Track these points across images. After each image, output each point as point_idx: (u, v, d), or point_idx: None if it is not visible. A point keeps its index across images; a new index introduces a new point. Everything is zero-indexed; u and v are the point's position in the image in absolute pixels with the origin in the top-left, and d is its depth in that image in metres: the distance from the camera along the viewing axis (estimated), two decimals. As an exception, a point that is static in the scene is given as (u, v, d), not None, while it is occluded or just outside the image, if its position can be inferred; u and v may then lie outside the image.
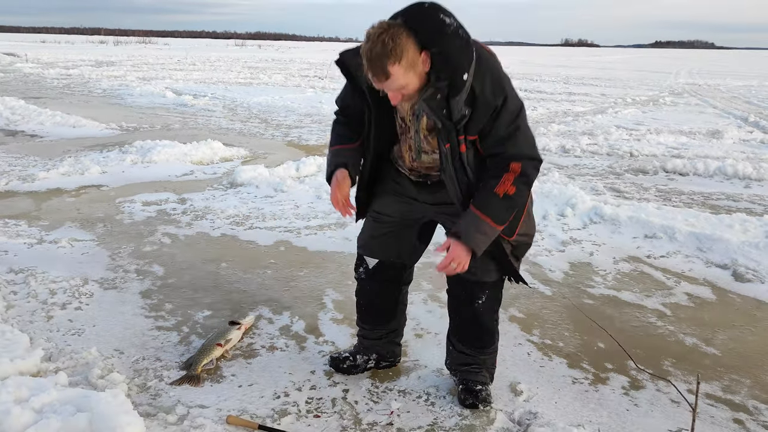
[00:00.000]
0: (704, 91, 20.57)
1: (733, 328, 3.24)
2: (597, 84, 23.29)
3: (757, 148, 9.09)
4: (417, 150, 2.23)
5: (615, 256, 4.30)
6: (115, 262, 3.92)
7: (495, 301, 2.45)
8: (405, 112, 2.19)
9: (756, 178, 6.84)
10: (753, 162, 7.67)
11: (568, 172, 7.16)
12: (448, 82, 1.96)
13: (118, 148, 7.46)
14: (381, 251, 2.52)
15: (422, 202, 2.39)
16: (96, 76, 20.04)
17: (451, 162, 2.12)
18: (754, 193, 6.27)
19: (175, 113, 11.71)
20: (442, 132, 2.07)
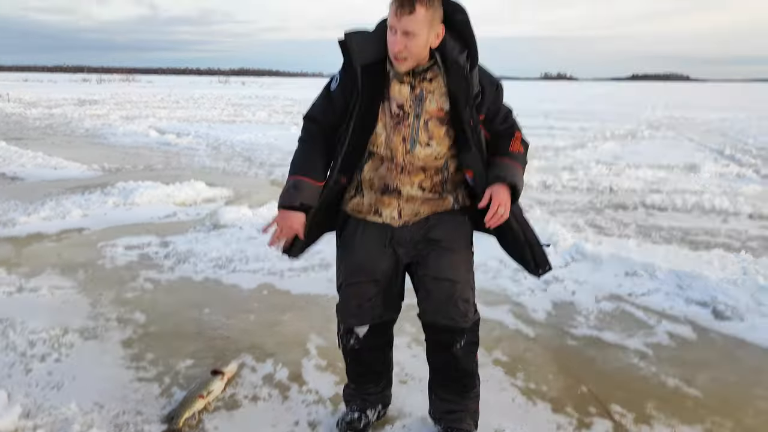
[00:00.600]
0: (681, 124, 20.99)
1: (714, 368, 3.27)
2: (576, 118, 23.67)
3: (734, 181, 9.25)
4: (413, 140, 2.18)
5: (597, 295, 4.33)
6: (96, 310, 3.88)
7: (473, 345, 2.45)
8: (404, 98, 2.17)
9: (733, 212, 6.96)
10: (729, 196, 7.81)
11: (550, 209, 7.24)
12: (469, 55, 2.11)
13: (100, 190, 7.44)
14: (370, 315, 2.43)
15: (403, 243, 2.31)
16: (78, 115, 20.06)
17: (476, 139, 2.19)
18: (731, 228, 6.37)
19: (158, 152, 11.72)
20: (466, 107, 2.14)
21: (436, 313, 2.35)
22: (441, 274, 2.31)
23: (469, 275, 2.37)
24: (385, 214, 2.30)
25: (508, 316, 3.94)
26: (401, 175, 2.24)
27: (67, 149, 11.75)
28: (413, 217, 2.30)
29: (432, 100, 2.18)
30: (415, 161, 2.22)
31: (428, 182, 2.26)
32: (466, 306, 2.33)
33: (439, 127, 2.20)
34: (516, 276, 4.64)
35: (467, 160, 2.23)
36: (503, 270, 4.76)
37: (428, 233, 2.31)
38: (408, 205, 2.28)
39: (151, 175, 8.85)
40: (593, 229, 6.29)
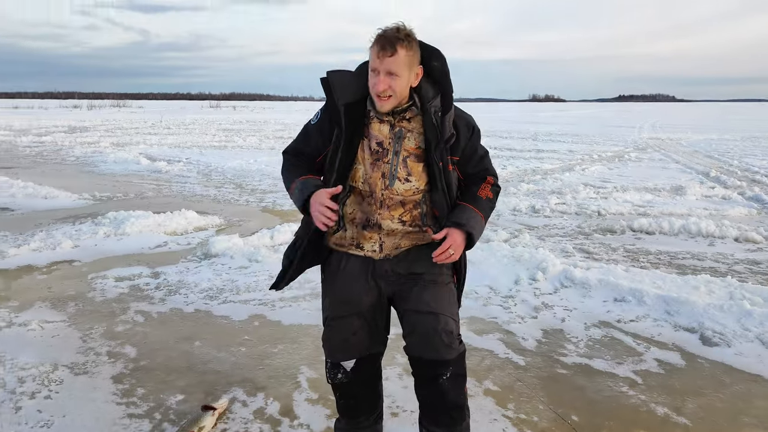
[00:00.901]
0: (667, 146, 21.24)
1: (702, 395, 3.30)
2: (564, 140, 23.92)
3: (719, 204, 9.36)
4: (392, 176, 2.27)
5: (586, 322, 4.37)
6: (86, 345, 3.87)
7: (460, 377, 2.44)
8: (384, 136, 2.27)
9: (719, 235, 7.04)
10: (715, 219, 7.90)
11: (539, 233, 7.30)
12: (442, 98, 2.24)
13: (90, 220, 7.44)
14: (357, 349, 2.45)
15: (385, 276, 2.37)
16: (69, 143, 20.06)
17: (444, 179, 2.28)
18: (717, 252, 6.44)
19: (149, 180, 11.73)
20: (437, 150, 2.24)
21: (421, 346, 2.36)
22: (424, 308, 2.34)
23: (452, 307, 2.40)
24: (367, 248, 2.36)
25: (498, 344, 3.96)
26: (381, 210, 2.31)
27: (57, 178, 11.74)
28: (394, 250, 2.36)
29: (410, 138, 2.28)
30: (394, 196, 2.30)
31: (408, 215, 2.34)
32: (449, 338, 2.34)
33: (417, 163, 2.29)
34: (506, 303, 4.68)
35: (434, 199, 2.33)
36: (493, 297, 4.80)
37: (410, 267, 2.36)
38: (389, 239, 2.34)
39: (142, 204, 8.87)
40: (582, 254, 6.34)
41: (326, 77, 2.31)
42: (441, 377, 2.37)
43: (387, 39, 2.13)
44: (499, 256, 5.56)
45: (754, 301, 4.48)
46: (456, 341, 2.38)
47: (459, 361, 2.41)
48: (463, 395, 2.47)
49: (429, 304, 2.34)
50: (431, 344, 2.33)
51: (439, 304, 2.36)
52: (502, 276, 5.23)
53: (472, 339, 4.01)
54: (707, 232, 7.11)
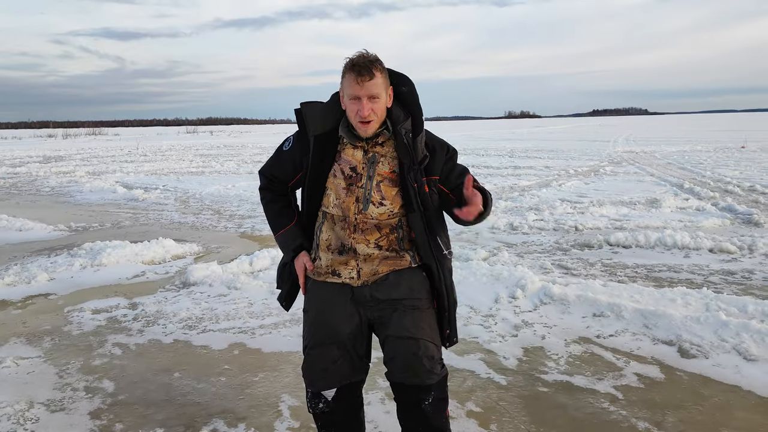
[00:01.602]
0: (641, 159, 21.56)
1: (682, 408, 3.33)
2: (540, 156, 24.18)
3: (693, 216, 9.50)
4: (365, 200, 2.29)
5: (566, 338, 4.39)
6: (62, 380, 3.81)
7: (442, 401, 2.45)
8: (357, 161, 2.31)
9: (694, 247, 7.14)
10: (690, 231, 8.02)
11: (517, 251, 7.34)
12: (412, 121, 2.29)
13: (66, 252, 7.34)
14: (337, 379, 2.43)
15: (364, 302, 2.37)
16: (44, 173, 19.84)
17: (420, 201, 2.30)
18: (693, 263, 6.53)
19: (125, 209, 11.63)
20: (410, 172, 2.28)
21: (402, 372, 2.36)
22: (404, 333, 2.34)
23: (432, 332, 2.40)
24: (344, 275, 2.37)
25: (479, 364, 3.97)
26: (355, 234, 2.33)
27: (32, 209, 11.60)
28: (372, 277, 2.36)
29: (384, 163, 2.33)
30: (368, 220, 2.32)
31: (384, 240, 2.35)
32: (431, 363, 2.34)
33: (391, 187, 2.32)
34: (486, 322, 4.69)
35: (411, 221, 2.35)
36: (473, 317, 4.81)
37: (390, 293, 2.36)
38: (366, 265, 2.35)
39: (118, 234, 8.78)
40: (560, 269, 6.39)
41: (300, 109, 2.38)
42: (423, 402, 2.38)
43: (362, 65, 2.19)
44: (478, 275, 5.59)
45: (730, 312, 4.55)
46: (438, 366, 2.38)
47: (441, 385, 2.41)
48: (445, 419, 2.47)
49: (409, 329, 2.35)
50: (413, 370, 2.34)
51: (419, 330, 2.36)
52: (482, 295, 5.25)
53: (454, 360, 4.01)
54: (682, 244, 7.21)
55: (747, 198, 11.25)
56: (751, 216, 9.17)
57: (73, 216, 10.70)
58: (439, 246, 2.40)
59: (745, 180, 13.82)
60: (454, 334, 2.49)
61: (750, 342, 4.03)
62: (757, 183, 13.10)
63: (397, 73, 2.34)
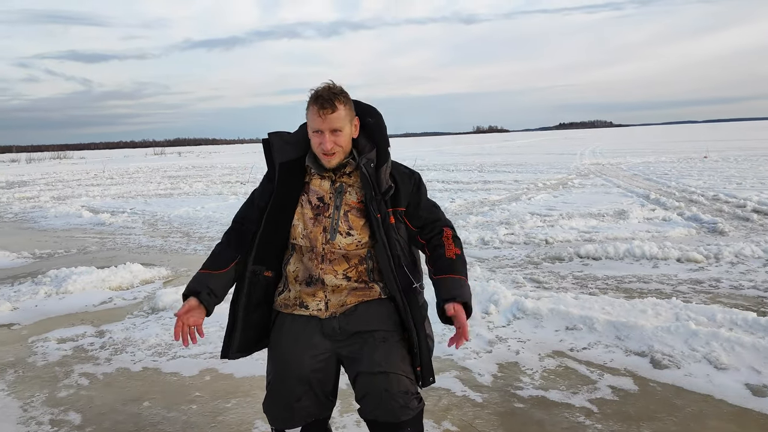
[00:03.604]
0: (608, 171, 21.93)
1: (656, 419, 3.34)
2: (509, 170, 24.43)
3: (660, 226, 9.66)
4: (333, 230, 2.26)
5: (540, 353, 4.40)
6: (27, 414, 3.68)
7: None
8: (325, 191, 2.29)
9: (662, 257, 7.25)
10: (658, 241, 8.15)
11: (489, 265, 7.37)
12: (377, 152, 2.28)
13: (30, 280, 7.16)
14: (301, 416, 2.34)
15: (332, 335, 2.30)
16: (7, 199, 19.39)
17: (384, 231, 2.26)
18: (662, 273, 6.62)
19: (92, 233, 11.40)
20: (373, 202, 2.24)
21: (376, 409, 2.26)
22: (375, 368, 2.25)
23: (405, 365, 2.29)
24: (312, 306, 2.31)
25: (455, 382, 3.94)
26: (323, 264, 2.28)
27: (-6, 236, 11.30)
28: (340, 308, 2.30)
29: (351, 193, 2.31)
30: (336, 250, 2.27)
31: (353, 271, 2.31)
32: (405, 398, 2.24)
33: (359, 218, 2.29)
34: (461, 339, 4.67)
35: (376, 252, 2.30)
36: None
37: (358, 325, 2.29)
38: (334, 296, 2.30)
39: (84, 259, 8.59)
40: (532, 283, 6.43)
41: (267, 138, 2.35)
42: None
43: (324, 98, 2.17)
44: (451, 292, 5.58)
45: (699, 321, 4.61)
46: (413, 400, 2.27)
47: (417, 420, 2.31)
48: None
49: (381, 364, 2.25)
50: (386, 407, 2.23)
51: (391, 364, 2.26)
52: (456, 311, 5.23)
53: (429, 379, 3.98)
54: (651, 254, 7.31)
55: (711, 207, 11.49)
56: (715, 225, 9.36)
57: (38, 242, 10.46)
58: (406, 278, 2.30)
59: (708, 189, 14.12)
60: (429, 374, 2.34)
61: (720, 351, 4.08)
62: (721, 192, 13.39)
63: (364, 104, 2.36)
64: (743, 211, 10.74)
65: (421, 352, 2.31)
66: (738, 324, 4.56)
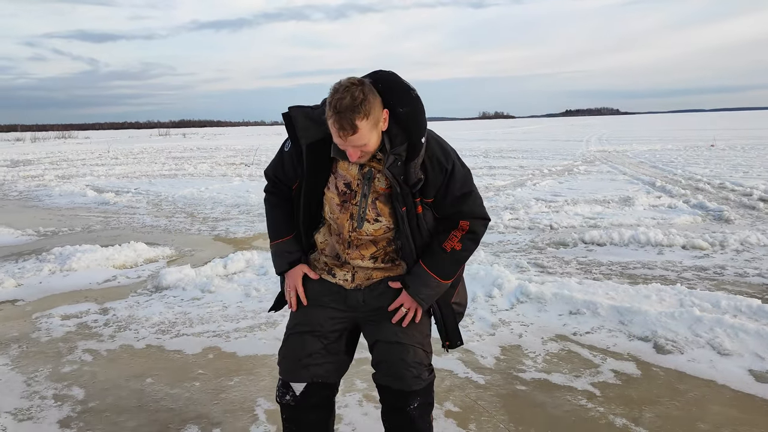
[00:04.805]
0: (614, 158, 21.82)
1: (658, 404, 3.34)
2: (515, 156, 24.35)
3: (666, 213, 9.63)
4: (360, 218, 2.21)
5: (543, 336, 4.40)
6: (30, 388, 3.70)
7: (428, 405, 2.41)
8: (352, 177, 2.20)
9: (667, 244, 7.22)
10: (663, 228, 8.12)
11: (494, 249, 7.35)
12: (407, 145, 2.10)
13: (35, 257, 7.17)
14: (309, 373, 2.34)
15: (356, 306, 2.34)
16: (11, 177, 19.41)
17: (408, 224, 2.21)
18: (666, 260, 6.60)
19: (96, 212, 11.41)
20: (399, 196, 2.15)
21: (389, 376, 2.31)
22: (393, 338, 2.30)
23: (423, 337, 2.35)
24: (339, 276, 2.34)
25: (457, 364, 3.94)
26: (349, 250, 2.28)
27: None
28: (366, 281, 2.32)
29: (380, 179, 2.20)
30: (363, 237, 2.25)
31: (381, 253, 2.31)
32: (419, 369, 2.30)
33: (387, 203, 2.22)
34: (463, 321, 4.66)
35: (401, 240, 2.27)
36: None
37: (381, 299, 2.32)
38: (361, 270, 2.32)
39: (89, 238, 8.61)
40: (536, 268, 6.41)
41: (288, 113, 2.21)
42: (408, 406, 2.33)
43: (344, 117, 1.95)
44: (455, 275, 5.57)
45: (704, 307, 4.59)
46: (425, 371, 2.32)
47: (427, 390, 2.36)
48: (429, 423, 2.42)
49: (397, 334, 2.30)
50: (399, 375, 2.29)
51: (407, 335, 2.31)
52: (459, 294, 5.23)
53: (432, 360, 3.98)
54: (656, 241, 7.28)
55: (717, 195, 11.43)
56: (721, 213, 9.32)
57: (42, 220, 10.47)
58: None
59: (715, 177, 14.05)
60: (456, 338, 2.43)
61: (724, 337, 4.07)
62: (727, 180, 13.32)
63: (396, 90, 2.10)
64: (749, 199, 10.68)
65: (446, 320, 2.39)
66: (742, 311, 4.54)
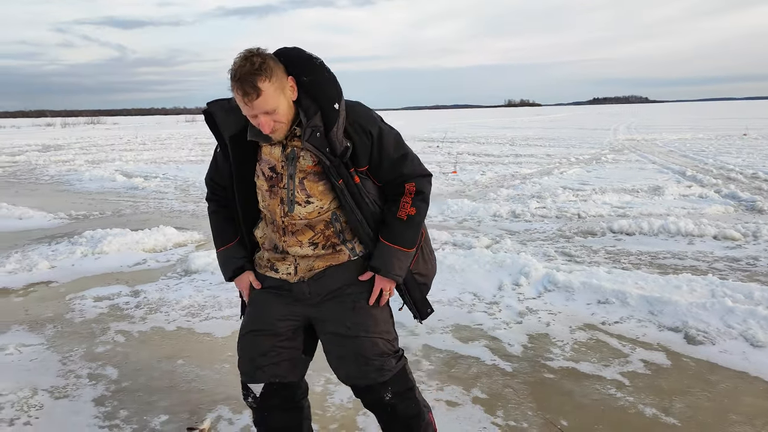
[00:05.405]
0: (643, 147, 21.49)
1: (689, 394, 3.31)
2: (541, 144, 24.11)
3: (696, 203, 9.47)
4: (290, 201, 2.11)
5: (571, 325, 4.37)
6: (66, 367, 3.79)
7: (407, 390, 2.27)
8: (276, 160, 2.11)
9: (698, 234, 7.11)
10: (694, 217, 7.99)
11: (520, 238, 7.31)
12: (322, 114, 2.02)
13: (67, 240, 7.31)
14: (265, 374, 2.25)
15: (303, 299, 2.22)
16: (43, 161, 19.78)
17: (350, 196, 2.11)
18: (697, 250, 6.50)
19: (125, 197, 11.58)
20: (331, 169, 2.05)
21: (350, 375, 2.22)
22: (344, 331, 2.19)
23: (378, 325, 2.23)
24: (281, 270, 2.22)
25: (484, 351, 3.94)
26: (284, 237, 2.17)
27: (32, 198, 11.56)
28: (308, 272, 2.19)
29: (305, 157, 2.10)
30: (296, 221, 2.14)
31: (320, 237, 2.18)
32: (380, 360, 2.18)
33: (317, 182, 2.11)
34: (490, 309, 4.66)
35: (345, 215, 2.17)
36: (477, 304, 4.78)
37: (329, 285, 2.20)
38: (303, 261, 2.19)
39: (119, 222, 8.75)
40: (564, 257, 6.36)
41: (207, 109, 2.16)
42: (384, 398, 2.24)
43: (245, 81, 1.90)
44: (481, 263, 5.56)
45: (736, 298, 4.52)
46: (390, 361, 2.21)
47: (398, 378, 2.25)
48: (413, 404, 2.31)
49: (352, 327, 2.19)
50: (361, 372, 2.19)
51: (360, 326, 2.19)
52: (486, 282, 5.22)
53: (458, 347, 3.99)
54: (686, 231, 7.17)
55: (750, 185, 11.20)
56: (754, 203, 9.14)
57: (73, 204, 10.67)
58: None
59: (747, 167, 13.76)
60: (424, 307, 2.33)
61: (757, 328, 4.00)
62: (760, 170, 13.04)
63: (298, 60, 2.05)
64: (783, 190, 10.45)
65: (411, 292, 2.30)
66: (776, 303, 4.46)
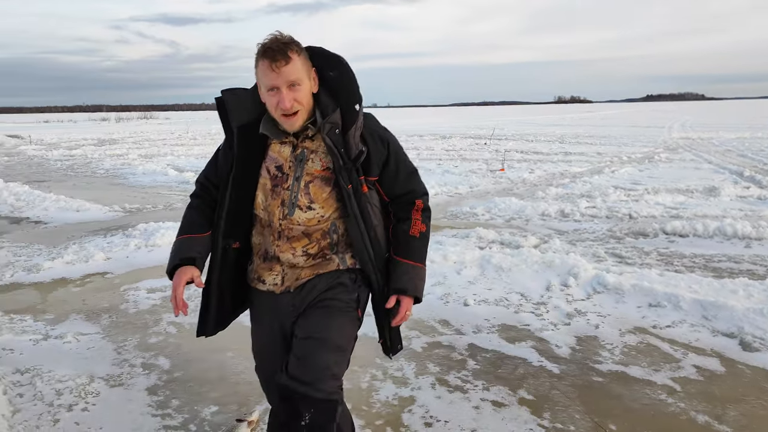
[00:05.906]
0: (698, 145, 20.87)
1: (744, 402, 3.21)
2: (592, 142, 23.65)
3: (755, 204, 9.15)
4: (291, 203, 2.04)
5: (621, 328, 4.29)
6: (120, 356, 3.92)
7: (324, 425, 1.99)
8: (284, 159, 2.06)
9: (756, 237, 6.87)
10: (752, 220, 7.73)
11: (569, 238, 7.20)
12: (339, 112, 2.00)
13: (121, 232, 7.54)
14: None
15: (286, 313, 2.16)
16: (98, 155, 20.44)
17: (356, 204, 2.05)
18: (755, 254, 6.28)
19: (177, 191, 11.87)
20: (342, 171, 2.00)
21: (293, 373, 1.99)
22: (305, 333, 2.07)
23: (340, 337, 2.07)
24: (268, 281, 2.15)
25: (531, 352, 3.90)
26: (279, 241, 2.09)
27: (88, 191, 11.96)
28: (294, 282, 2.13)
29: (315, 160, 2.05)
30: (294, 226, 2.07)
31: (314, 247, 2.10)
32: (319, 373, 1.99)
33: (323, 188, 2.05)
34: (538, 310, 4.62)
35: (348, 227, 2.10)
36: (524, 304, 4.74)
37: (306, 299, 2.13)
38: (291, 270, 2.12)
39: (171, 215, 8.96)
40: (614, 258, 6.24)
41: (220, 97, 2.11)
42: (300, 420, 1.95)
43: (276, 49, 1.90)
44: (529, 263, 5.50)
45: (796, 305, 4.36)
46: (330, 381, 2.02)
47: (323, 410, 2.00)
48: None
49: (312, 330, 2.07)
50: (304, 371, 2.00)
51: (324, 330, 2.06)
52: (533, 282, 5.17)
53: (505, 347, 3.97)
54: (743, 233, 6.94)
55: (812, 187, 10.76)
56: (816, 206, 8.78)
57: (127, 197, 10.99)
58: (381, 249, 2.16)
59: (809, 168, 13.23)
60: (397, 342, 2.26)
61: (818, 336, 3.85)
62: (823, 171, 12.52)
63: (324, 54, 2.05)
64: None
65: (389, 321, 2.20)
66: (839, 310, 4.28)
